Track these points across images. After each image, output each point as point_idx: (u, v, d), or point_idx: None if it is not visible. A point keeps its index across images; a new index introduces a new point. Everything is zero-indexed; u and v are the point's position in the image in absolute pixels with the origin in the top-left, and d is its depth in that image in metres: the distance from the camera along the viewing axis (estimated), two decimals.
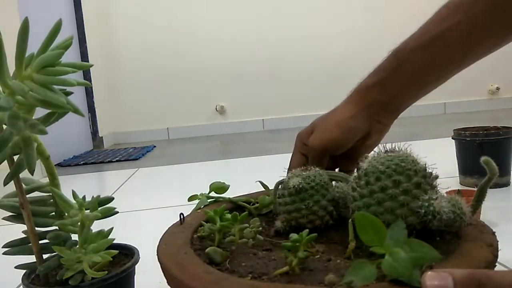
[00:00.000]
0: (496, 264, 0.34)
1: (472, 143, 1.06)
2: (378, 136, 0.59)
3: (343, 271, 0.33)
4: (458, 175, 1.13)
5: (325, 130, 0.58)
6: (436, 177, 0.39)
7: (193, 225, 0.46)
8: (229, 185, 0.57)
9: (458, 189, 0.58)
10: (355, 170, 0.43)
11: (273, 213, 0.51)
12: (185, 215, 0.48)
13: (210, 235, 0.43)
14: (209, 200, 0.55)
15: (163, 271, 0.37)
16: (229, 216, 0.42)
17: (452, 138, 1.12)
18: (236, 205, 0.54)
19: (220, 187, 0.56)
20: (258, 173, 1.59)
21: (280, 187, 0.47)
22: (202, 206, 0.53)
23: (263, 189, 0.58)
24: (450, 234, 0.37)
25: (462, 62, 0.56)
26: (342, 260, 0.37)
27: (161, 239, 0.42)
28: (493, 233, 0.38)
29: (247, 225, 0.42)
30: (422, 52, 0.55)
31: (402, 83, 0.57)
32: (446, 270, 0.27)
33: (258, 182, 0.60)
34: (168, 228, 0.46)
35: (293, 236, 0.35)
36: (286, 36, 3.15)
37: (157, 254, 0.39)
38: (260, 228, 0.46)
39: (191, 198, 0.56)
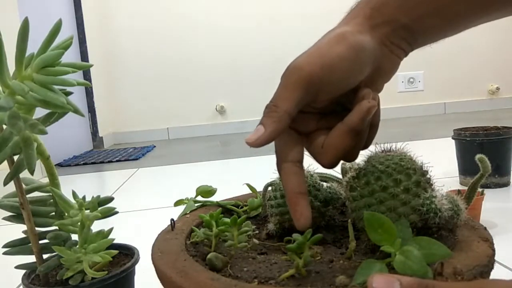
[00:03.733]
0: (495, 263, 0.34)
1: (472, 143, 1.06)
2: (389, 72, 0.41)
3: (350, 271, 0.33)
4: (458, 175, 1.13)
5: (319, 48, 0.37)
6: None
7: (184, 231, 0.45)
8: (216, 189, 0.55)
9: (458, 190, 0.59)
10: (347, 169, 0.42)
11: (262, 215, 0.50)
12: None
13: (204, 241, 0.43)
14: (196, 205, 0.53)
15: (162, 280, 0.36)
16: (225, 220, 0.41)
17: (452, 138, 1.12)
18: (224, 209, 0.52)
19: (206, 191, 0.55)
20: (258, 173, 1.59)
21: (270, 189, 0.47)
22: (189, 211, 0.52)
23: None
24: (446, 230, 0.37)
25: None
26: (345, 261, 0.37)
27: (153, 246, 0.41)
28: (485, 228, 0.39)
29: (247, 228, 0.41)
30: None
31: (429, 2, 0.40)
32: (394, 276, 0.27)
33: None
34: (159, 235, 0.45)
35: (297, 237, 0.35)
36: (286, 36, 3.14)
37: (154, 263, 0.38)
38: (257, 231, 0.46)
39: (177, 203, 0.55)
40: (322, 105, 0.38)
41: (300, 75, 0.35)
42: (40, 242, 0.49)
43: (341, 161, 0.43)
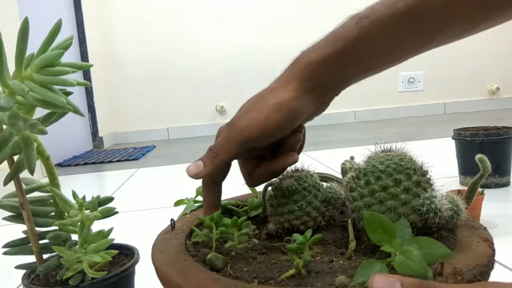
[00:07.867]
0: (495, 263, 0.34)
1: (472, 143, 1.06)
2: (314, 116, 0.49)
3: (350, 271, 0.33)
4: (458, 175, 1.13)
5: (261, 112, 0.44)
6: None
7: (184, 231, 0.45)
8: None
9: (458, 190, 0.59)
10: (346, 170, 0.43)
11: (262, 215, 0.50)
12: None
13: (204, 241, 0.43)
14: (196, 205, 0.53)
15: (162, 280, 0.36)
16: (226, 221, 0.41)
17: (452, 138, 1.12)
18: (224, 209, 0.52)
19: None
20: None
21: (270, 189, 0.47)
22: (189, 211, 0.52)
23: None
24: (446, 230, 0.37)
25: (433, 39, 0.45)
26: (345, 261, 0.37)
27: (153, 246, 0.41)
28: (485, 228, 0.39)
29: (248, 229, 0.41)
30: (392, 23, 0.43)
31: (363, 60, 0.45)
32: (396, 276, 0.27)
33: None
34: (159, 235, 0.45)
35: (297, 237, 0.35)
36: (285, 37, 3.14)
37: (154, 263, 0.38)
38: (257, 231, 0.46)
39: (177, 203, 0.55)
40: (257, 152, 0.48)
41: (240, 135, 0.43)
42: (40, 242, 0.49)
43: (341, 162, 0.48)
